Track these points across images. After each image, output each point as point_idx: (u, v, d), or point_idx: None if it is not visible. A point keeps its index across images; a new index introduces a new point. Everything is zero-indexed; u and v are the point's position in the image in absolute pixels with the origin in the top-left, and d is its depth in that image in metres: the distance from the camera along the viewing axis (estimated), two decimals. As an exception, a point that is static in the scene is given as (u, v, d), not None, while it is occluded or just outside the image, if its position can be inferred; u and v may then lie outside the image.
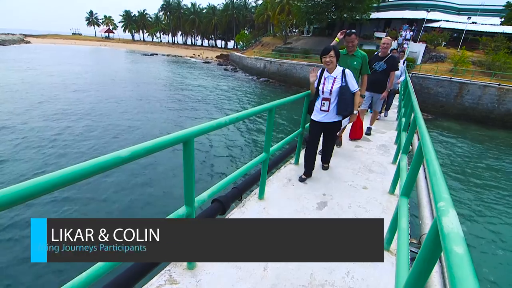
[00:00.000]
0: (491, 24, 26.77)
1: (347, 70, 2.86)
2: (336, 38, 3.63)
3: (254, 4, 63.34)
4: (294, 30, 43.07)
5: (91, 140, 9.26)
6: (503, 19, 27.15)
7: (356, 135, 3.52)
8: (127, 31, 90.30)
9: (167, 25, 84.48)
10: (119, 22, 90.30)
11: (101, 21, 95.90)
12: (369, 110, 5.70)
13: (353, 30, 3.65)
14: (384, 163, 3.91)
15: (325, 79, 2.90)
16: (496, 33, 22.05)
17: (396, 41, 23.53)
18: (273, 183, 3.03)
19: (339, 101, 2.84)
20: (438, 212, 0.87)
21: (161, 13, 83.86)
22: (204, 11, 76.71)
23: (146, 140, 1.14)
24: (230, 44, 79.36)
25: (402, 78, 6.11)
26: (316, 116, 2.96)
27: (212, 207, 1.94)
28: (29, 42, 68.39)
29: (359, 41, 26.10)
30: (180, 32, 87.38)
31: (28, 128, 9.83)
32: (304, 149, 3.27)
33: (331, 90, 2.82)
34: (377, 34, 28.58)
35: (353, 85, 2.87)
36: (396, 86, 6.19)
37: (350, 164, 3.75)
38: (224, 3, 70.50)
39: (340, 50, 3.40)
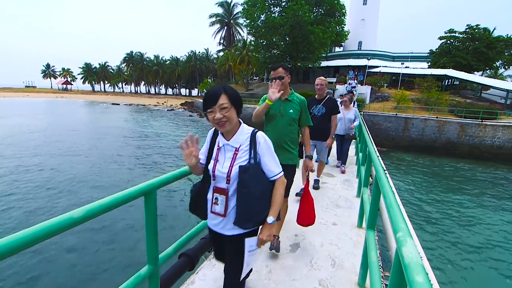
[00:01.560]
0: (421, 68, 31.68)
1: (260, 134, 1.44)
2: (267, 101, 2.26)
3: (215, 56, 67.41)
4: (255, 78, 46.24)
5: (38, 199, 8.31)
6: (429, 63, 32.37)
7: (306, 219, 2.53)
8: (86, 82, 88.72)
9: (130, 76, 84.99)
10: (79, 74, 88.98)
11: (58, 73, 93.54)
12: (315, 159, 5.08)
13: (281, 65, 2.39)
14: (349, 197, 4.06)
15: (218, 150, 1.46)
16: (426, 75, 26.11)
17: (345, 85, 26.67)
18: (244, 229, 2.92)
19: (238, 198, 1.36)
20: (397, 242, 0.91)
21: (123, 65, 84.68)
22: (167, 62, 79.17)
23: (103, 195, 1.07)
24: (194, 92, 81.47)
25: (356, 123, 5.90)
26: (209, 220, 1.51)
27: (179, 263, 1.79)
28: (-28, 97, 63.38)
29: (311, 87, 28.77)
30: (143, 82, 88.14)
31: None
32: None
33: (229, 173, 1.37)
34: (328, 79, 31.85)
35: (272, 165, 1.42)
36: (351, 132, 5.82)
37: (318, 200, 3.81)
38: (187, 54, 74.07)
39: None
